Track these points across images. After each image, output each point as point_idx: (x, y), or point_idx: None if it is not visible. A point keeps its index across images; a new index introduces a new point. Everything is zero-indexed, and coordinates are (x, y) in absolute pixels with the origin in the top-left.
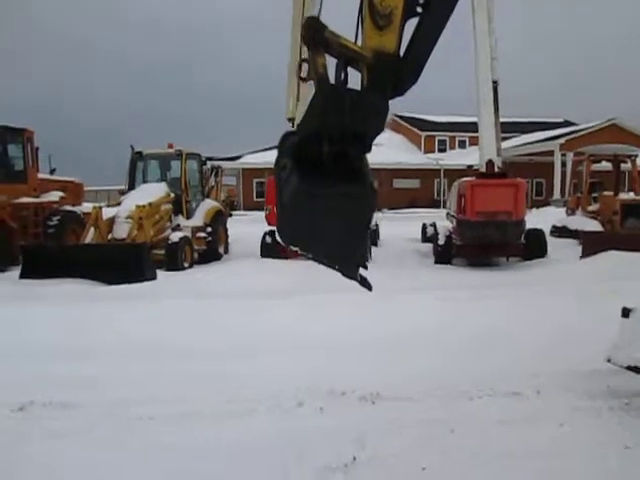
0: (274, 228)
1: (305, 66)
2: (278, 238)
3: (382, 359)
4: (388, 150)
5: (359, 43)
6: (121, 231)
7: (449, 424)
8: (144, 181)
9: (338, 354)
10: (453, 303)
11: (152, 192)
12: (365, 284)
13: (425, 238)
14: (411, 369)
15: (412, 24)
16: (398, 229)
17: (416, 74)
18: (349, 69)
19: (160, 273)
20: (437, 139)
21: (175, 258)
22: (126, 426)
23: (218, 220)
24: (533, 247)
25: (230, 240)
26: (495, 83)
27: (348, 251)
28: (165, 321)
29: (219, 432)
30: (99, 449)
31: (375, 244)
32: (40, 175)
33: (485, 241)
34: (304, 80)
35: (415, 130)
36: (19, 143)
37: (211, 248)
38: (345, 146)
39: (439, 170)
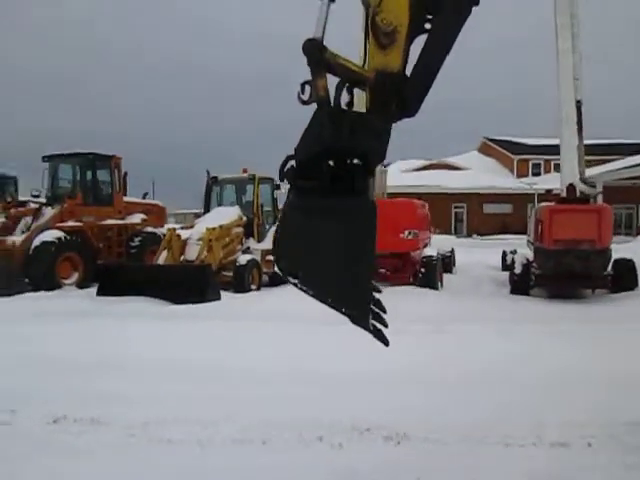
0: None
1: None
2: (276, 269)
3: (419, 396)
4: (478, 174)
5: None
6: (192, 253)
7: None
8: (219, 205)
9: (371, 388)
10: (516, 338)
11: (225, 215)
12: (380, 337)
13: (505, 266)
14: (453, 410)
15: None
16: (480, 256)
17: (421, 94)
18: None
19: (226, 295)
20: (531, 162)
21: (242, 280)
22: (145, 447)
23: None
24: (622, 278)
25: None
26: (579, 103)
27: (352, 287)
28: (202, 341)
29: (229, 459)
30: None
31: (450, 271)
32: (126, 198)
33: (565, 271)
34: (305, 103)
35: (507, 153)
36: (107, 169)
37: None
38: (345, 168)
39: (533, 194)
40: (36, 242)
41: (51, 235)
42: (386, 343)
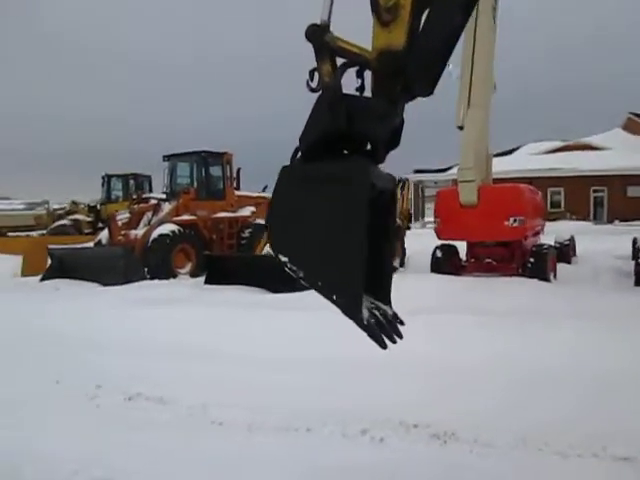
0: (445, 242)
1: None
2: (269, 248)
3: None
4: (621, 153)
5: None
6: None
7: None
8: None
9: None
10: (620, 336)
11: None
12: (375, 337)
13: (634, 255)
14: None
15: None
16: (612, 244)
17: (427, 70)
18: None
19: None
20: None
21: None
22: (201, 427)
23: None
24: None
25: (410, 253)
26: None
27: (341, 269)
28: (265, 331)
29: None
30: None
31: (568, 261)
32: (238, 192)
33: None
34: (314, 91)
35: None
36: (219, 165)
37: None
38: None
39: None
40: (154, 235)
41: (167, 228)
42: (382, 346)
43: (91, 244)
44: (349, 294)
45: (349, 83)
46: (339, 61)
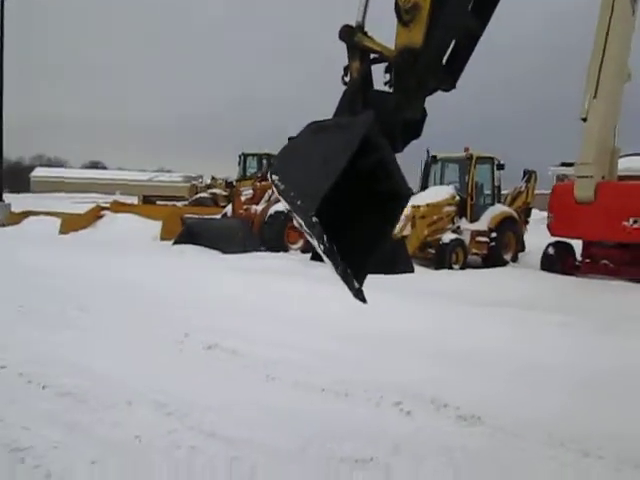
0: (559, 239)
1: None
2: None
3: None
4: None
5: None
6: (399, 228)
7: None
8: (440, 183)
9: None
10: None
11: (438, 194)
12: (317, 230)
13: None
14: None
15: None
16: None
17: (434, 63)
18: None
19: (423, 270)
20: None
21: (442, 258)
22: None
23: (506, 226)
24: None
25: (529, 249)
26: None
27: (313, 181)
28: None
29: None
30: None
31: None
32: None
33: None
34: (346, 84)
35: None
36: None
37: (493, 253)
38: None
39: None
40: (271, 211)
41: (283, 206)
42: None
43: (219, 216)
44: (309, 198)
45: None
46: None
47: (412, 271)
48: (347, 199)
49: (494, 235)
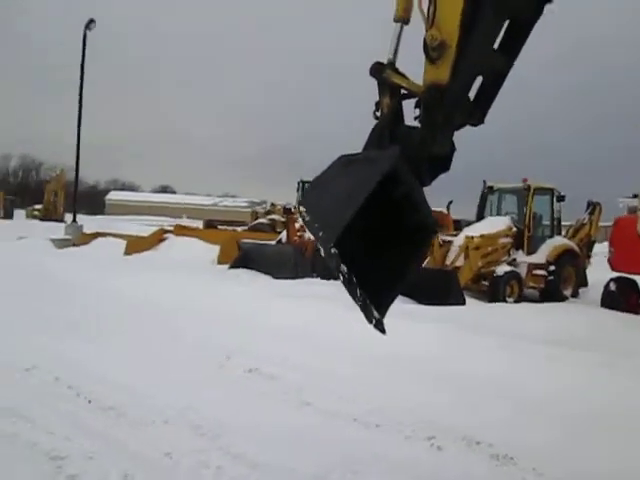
0: (622, 274)
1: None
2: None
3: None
4: None
5: None
6: (450, 258)
7: None
8: (497, 214)
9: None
10: None
11: (493, 225)
12: (335, 261)
13: None
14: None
15: None
16: None
17: (460, 100)
18: None
19: (475, 302)
20: None
21: (496, 290)
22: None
23: (566, 259)
24: None
25: (592, 285)
26: None
27: (335, 215)
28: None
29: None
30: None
31: None
32: None
33: None
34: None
35: None
36: None
37: (551, 287)
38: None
39: None
40: None
41: None
42: (337, 268)
43: (274, 242)
44: (331, 229)
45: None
46: None
47: (463, 303)
48: (375, 231)
49: (552, 269)
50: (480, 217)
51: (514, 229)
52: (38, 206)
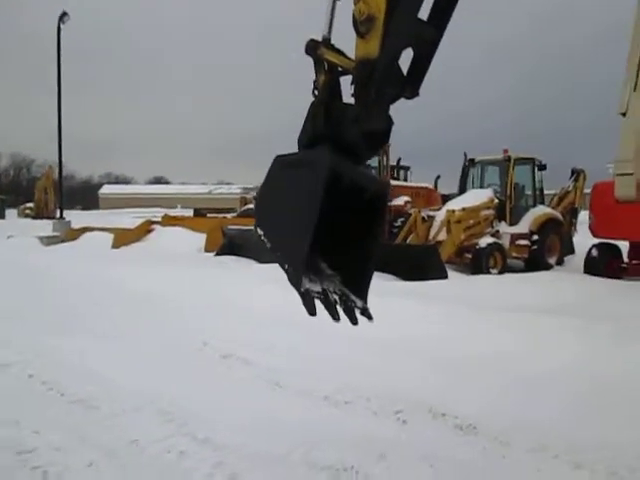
0: (603, 240)
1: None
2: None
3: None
4: None
5: None
6: (433, 233)
7: None
8: (480, 187)
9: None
10: None
11: (475, 197)
12: (307, 305)
13: None
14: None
15: None
16: None
17: (389, 72)
18: None
19: (458, 276)
20: None
21: (479, 263)
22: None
23: (549, 228)
24: None
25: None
26: None
27: (292, 243)
28: None
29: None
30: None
31: None
32: (395, 182)
33: None
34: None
35: None
36: (376, 155)
37: (535, 257)
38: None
39: None
40: None
41: None
42: (310, 312)
43: None
44: (294, 265)
45: None
46: None
47: (445, 277)
48: (335, 217)
49: (536, 238)
50: (462, 190)
51: (496, 201)
52: (30, 204)
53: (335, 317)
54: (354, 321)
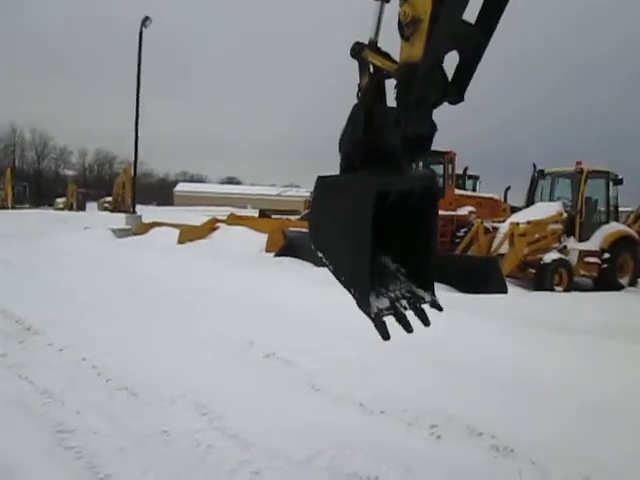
0: None
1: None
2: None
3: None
4: None
5: None
6: (495, 245)
7: None
8: (550, 200)
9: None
10: None
11: (542, 210)
12: (380, 330)
13: None
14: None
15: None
16: None
17: (430, 75)
18: None
19: (519, 291)
20: None
21: (542, 279)
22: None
23: (622, 246)
24: None
25: None
26: None
27: (351, 270)
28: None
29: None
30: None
31: None
32: (459, 191)
33: None
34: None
35: None
36: (440, 163)
37: (605, 276)
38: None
39: None
40: None
41: None
42: (384, 336)
43: None
44: (359, 291)
45: None
46: None
47: (505, 291)
48: (388, 224)
49: (607, 256)
50: (530, 202)
51: (565, 215)
52: (109, 198)
53: (408, 329)
54: (426, 322)
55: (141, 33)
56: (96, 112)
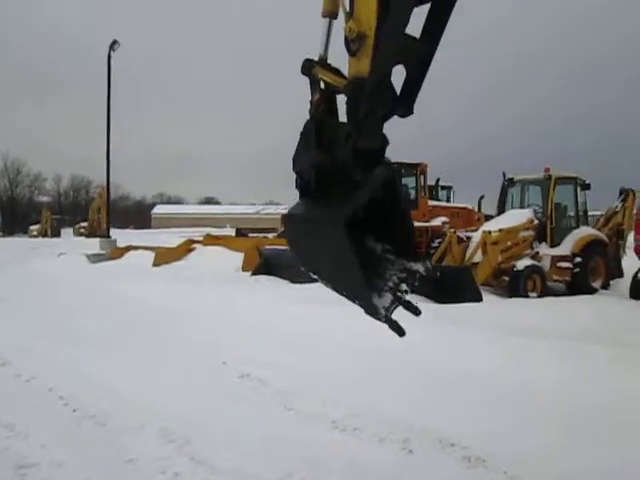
0: None
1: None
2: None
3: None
4: None
5: None
6: (469, 255)
7: None
8: (520, 207)
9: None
10: None
11: (513, 218)
12: (394, 328)
13: None
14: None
15: None
16: None
17: (377, 90)
18: None
19: (493, 299)
20: None
21: (516, 285)
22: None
23: (593, 250)
24: None
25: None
26: None
27: (350, 285)
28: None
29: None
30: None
31: None
32: (432, 202)
33: None
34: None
35: None
36: (412, 175)
37: (578, 280)
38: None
39: None
40: None
41: None
42: (400, 333)
43: None
44: (362, 301)
45: None
46: None
47: (480, 300)
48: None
49: (578, 260)
50: (501, 211)
51: (536, 221)
52: (84, 224)
53: (416, 312)
54: (417, 312)
55: (109, 57)
56: (70, 137)
